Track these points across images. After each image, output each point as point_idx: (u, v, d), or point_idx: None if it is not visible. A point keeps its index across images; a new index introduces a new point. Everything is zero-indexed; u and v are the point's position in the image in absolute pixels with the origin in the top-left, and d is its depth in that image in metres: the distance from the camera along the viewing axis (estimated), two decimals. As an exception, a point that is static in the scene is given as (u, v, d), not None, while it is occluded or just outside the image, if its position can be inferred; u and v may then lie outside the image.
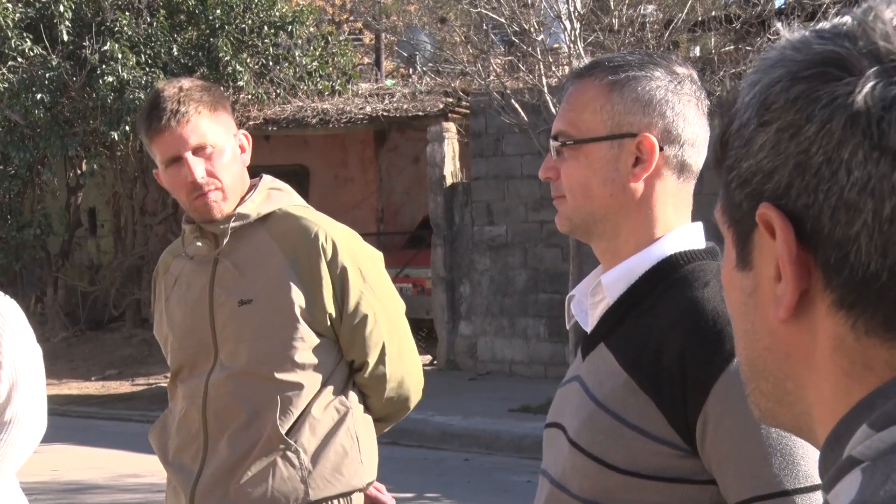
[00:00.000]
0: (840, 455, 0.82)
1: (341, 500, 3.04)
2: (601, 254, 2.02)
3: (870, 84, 0.80)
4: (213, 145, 3.02)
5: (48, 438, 3.87)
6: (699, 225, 2.03)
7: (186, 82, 3.12)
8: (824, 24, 0.88)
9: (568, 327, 2.17)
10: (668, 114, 1.93)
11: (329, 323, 3.03)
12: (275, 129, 16.14)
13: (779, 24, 0.97)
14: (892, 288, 0.80)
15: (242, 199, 3.08)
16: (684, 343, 1.83)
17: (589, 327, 2.02)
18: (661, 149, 1.92)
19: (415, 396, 3.23)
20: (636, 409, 1.84)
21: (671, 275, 1.93)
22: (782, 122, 0.84)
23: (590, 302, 2.03)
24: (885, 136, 0.79)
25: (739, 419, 1.76)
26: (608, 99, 1.94)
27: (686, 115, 1.94)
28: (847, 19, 0.85)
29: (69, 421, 11.67)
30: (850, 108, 0.80)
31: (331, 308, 3.02)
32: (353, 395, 3.09)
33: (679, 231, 1.97)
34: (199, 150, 2.99)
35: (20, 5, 16.36)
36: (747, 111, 0.88)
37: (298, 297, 3.00)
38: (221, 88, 3.17)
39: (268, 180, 3.19)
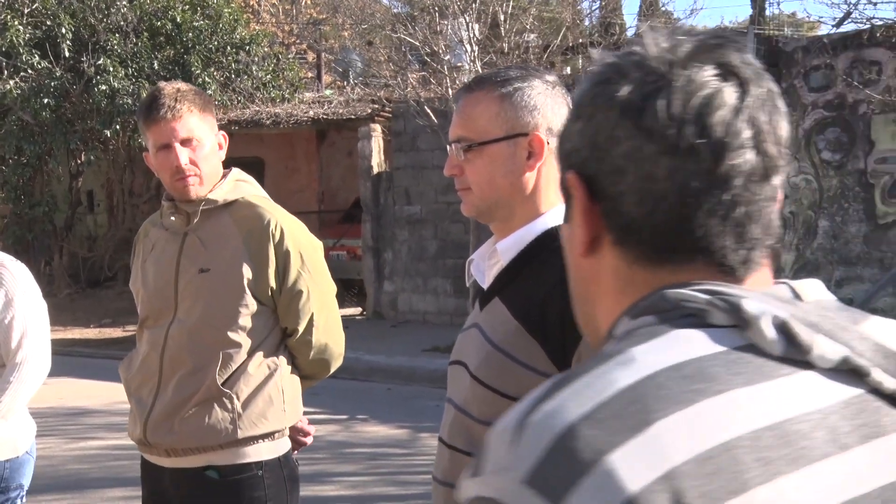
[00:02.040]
0: (609, 338, 0.91)
1: (265, 439, 2.97)
2: (498, 229, 2.01)
3: (633, 84, 0.88)
4: (198, 139, 2.93)
5: (55, 373, 3.88)
6: None
7: (183, 85, 3.04)
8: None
9: (468, 285, 2.15)
10: (549, 114, 1.93)
11: (270, 294, 2.96)
12: (237, 128, 15.85)
13: (593, 51, 1.04)
14: (646, 231, 0.89)
15: (214, 186, 3.00)
16: (564, 299, 1.80)
17: (486, 284, 2.01)
18: (548, 143, 1.91)
19: (335, 362, 3.15)
20: (525, 350, 1.85)
21: (553, 243, 1.88)
22: (584, 115, 0.92)
23: (487, 264, 2.03)
24: (643, 118, 0.87)
25: None
26: (501, 107, 1.92)
27: (561, 113, 1.93)
28: (634, 45, 0.93)
29: (72, 360, 11.55)
30: (618, 100, 0.88)
31: (273, 282, 2.95)
32: (282, 356, 3.02)
33: (559, 208, 1.93)
34: (186, 142, 2.91)
35: (29, 28, 16.07)
36: (570, 112, 0.97)
37: (247, 272, 2.93)
38: (210, 95, 3.08)
39: (236, 172, 3.11)
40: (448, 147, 2.00)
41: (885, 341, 0.85)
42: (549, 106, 1.95)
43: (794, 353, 0.82)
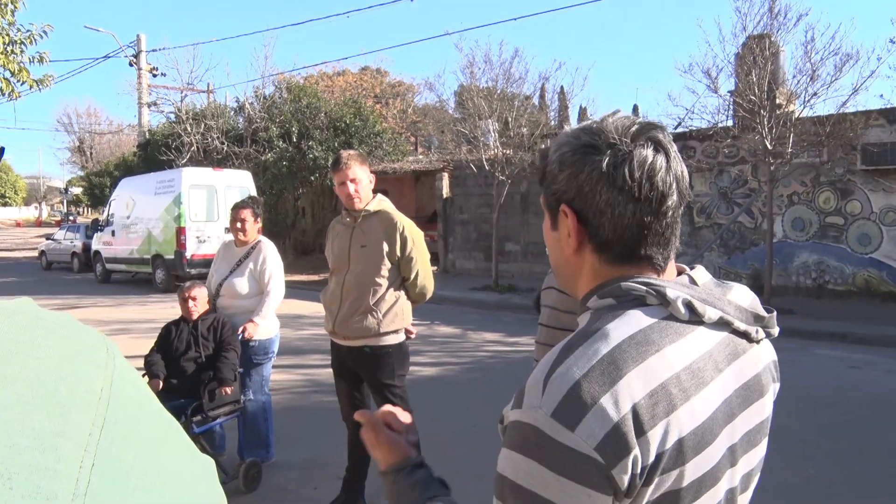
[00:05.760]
0: (584, 306, 0.80)
1: (393, 333, 2.86)
2: None
3: (608, 159, 0.75)
4: (359, 179, 2.82)
5: (287, 298, 3.95)
6: None
7: (353, 151, 2.88)
8: (586, 125, 0.79)
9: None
10: None
11: (396, 259, 2.86)
12: (374, 174, 15.99)
13: (566, 126, 0.93)
14: (616, 246, 0.77)
15: (368, 203, 2.89)
16: None
17: None
18: None
19: (429, 294, 2.98)
20: None
21: None
22: (570, 170, 0.77)
23: None
24: (615, 180, 0.75)
25: None
26: None
27: None
28: (595, 125, 0.78)
29: (295, 290, 11.54)
30: (600, 168, 0.75)
31: (398, 253, 2.85)
32: (402, 291, 2.89)
33: None
34: (353, 181, 2.80)
35: (277, 127, 16.26)
36: (554, 163, 0.80)
37: (385, 247, 2.83)
38: (365, 155, 3.06)
39: (380, 196, 2.97)
40: None
41: (741, 302, 0.79)
42: None
43: (693, 318, 0.75)
